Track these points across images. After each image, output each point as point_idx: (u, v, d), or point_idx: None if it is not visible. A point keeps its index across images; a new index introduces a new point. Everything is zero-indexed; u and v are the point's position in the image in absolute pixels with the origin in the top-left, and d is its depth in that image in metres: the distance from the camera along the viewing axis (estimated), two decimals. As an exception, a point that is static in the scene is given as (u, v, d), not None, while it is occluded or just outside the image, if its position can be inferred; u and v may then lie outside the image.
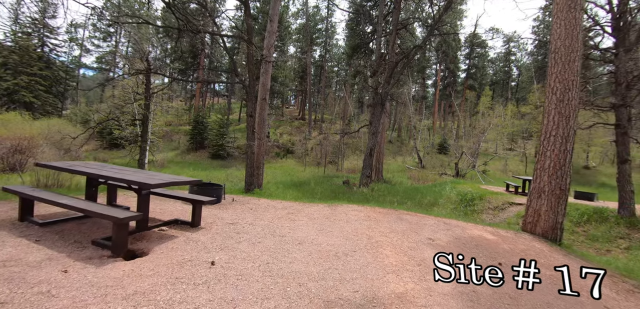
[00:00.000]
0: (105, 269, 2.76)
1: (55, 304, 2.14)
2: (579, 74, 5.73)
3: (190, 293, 2.39)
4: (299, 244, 3.65)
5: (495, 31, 53.21)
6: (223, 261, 3.05)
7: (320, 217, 5.13)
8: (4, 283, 2.37)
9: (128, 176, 3.86)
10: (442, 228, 4.90)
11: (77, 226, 3.92)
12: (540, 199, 5.64)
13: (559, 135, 5.57)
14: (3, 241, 3.16)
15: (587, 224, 8.85)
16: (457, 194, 11.16)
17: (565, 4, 5.79)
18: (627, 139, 9.40)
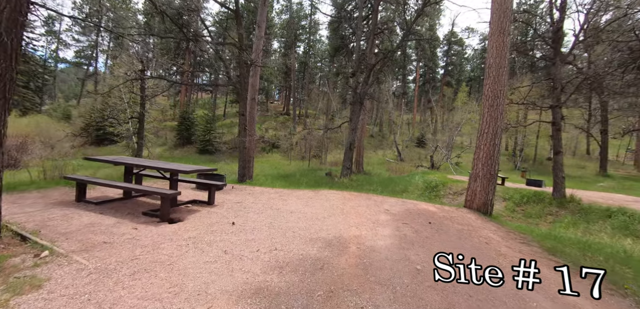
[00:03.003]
0: (160, 228, 4.08)
1: (141, 243, 3.47)
2: (506, 85, 7.39)
3: (224, 237, 3.78)
4: (290, 213, 5.08)
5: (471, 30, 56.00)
6: (239, 222, 4.44)
7: (305, 198, 6.57)
8: (101, 234, 3.67)
9: (160, 165, 5.16)
10: (399, 204, 6.45)
11: (121, 205, 5.18)
12: (476, 182, 7.29)
13: (489, 132, 7.22)
14: (80, 214, 4.41)
15: (526, 204, 10.71)
16: (424, 183, 12.89)
17: (496, 30, 7.42)
18: (560, 135, 11.29)
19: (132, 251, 3.19)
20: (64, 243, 3.28)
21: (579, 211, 9.47)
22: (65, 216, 4.21)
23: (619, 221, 8.00)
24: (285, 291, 2.44)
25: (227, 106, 45.80)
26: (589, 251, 4.56)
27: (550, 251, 4.28)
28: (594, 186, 19.67)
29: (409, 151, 36.78)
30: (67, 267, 2.73)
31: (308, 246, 3.53)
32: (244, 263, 2.99)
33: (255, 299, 2.30)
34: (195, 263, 2.95)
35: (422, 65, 51.80)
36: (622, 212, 8.36)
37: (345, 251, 3.42)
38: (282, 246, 3.51)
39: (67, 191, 5.77)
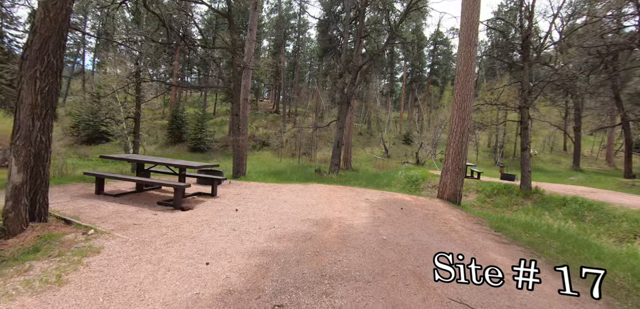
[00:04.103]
0: (176, 214, 4.88)
1: (164, 224, 4.27)
2: (473, 89, 8.40)
3: (230, 219, 4.61)
4: (284, 202, 5.94)
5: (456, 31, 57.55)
6: (242, 209, 5.27)
7: (297, 190, 7.43)
8: (129, 219, 4.45)
9: (169, 162, 5.93)
10: (378, 195, 7.39)
11: (136, 196, 5.93)
12: (446, 175, 8.29)
13: (458, 131, 8.22)
14: (104, 204, 5.16)
15: (496, 196, 11.83)
16: (406, 177, 13.93)
17: (464, 41, 8.41)
18: (527, 133, 12.44)
19: (159, 229, 3.99)
20: (102, 225, 4.05)
21: (541, 200, 10.63)
22: (92, 206, 4.96)
23: (571, 208, 9.15)
24: (283, 251, 3.31)
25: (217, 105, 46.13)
26: (529, 230, 5.58)
27: (496, 229, 5.27)
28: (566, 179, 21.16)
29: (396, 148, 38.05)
30: (113, 240, 3.52)
31: (299, 225, 4.40)
32: (250, 236, 3.84)
33: (262, 256, 3.16)
34: (212, 236, 3.78)
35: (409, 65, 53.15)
36: (575, 201, 9.52)
37: (329, 227, 4.31)
38: (279, 225, 4.38)
39: (83, 185, 6.47)
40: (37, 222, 3.81)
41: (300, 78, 51.35)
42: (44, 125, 3.66)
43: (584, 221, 8.24)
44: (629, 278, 3.52)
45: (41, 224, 3.81)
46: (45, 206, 3.96)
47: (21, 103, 3.28)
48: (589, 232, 7.41)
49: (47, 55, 3.40)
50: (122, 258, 3.04)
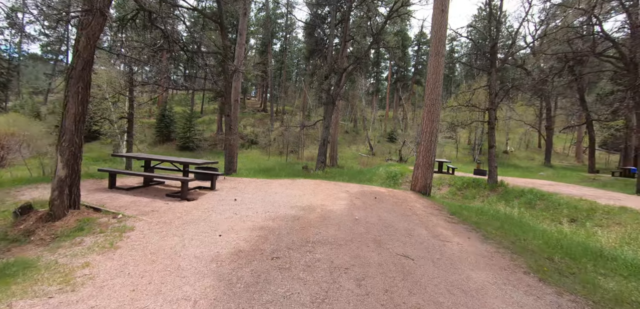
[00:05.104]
0: (184, 203, 5.77)
1: (177, 211, 5.16)
2: (440, 95, 9.56)
3: (231, 207, 5.54)
4: (275, 193, 6.90)
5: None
6: (239, 199, 6.20)
7: (285, 184, 8.40)
8: (146, 207, 5.31)
9: (173, 159, 6.79)
10: (357, 188, 8.45)
11: (145, 190, 6.76)
12: (418, 170, 9.43)
13: (428, 131, 9.36)
14: (120, 196, 5.99)
15: (466, 189, 13.11)
16: (386, 173, 15.10)
17: (434, 52, 9.55)
18: (493, 132, 13.76)
19: (174, 214, 4.90)
20: (126, 211, 4.92)
21: (504, 192, 11.94)
22: (111, 197, 5.80)
23: (526, 198, 10.47)
24: (277, 228, 4.29)
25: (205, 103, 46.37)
26: (480, 214, 6.74)
27: (451, 213, 6.40)
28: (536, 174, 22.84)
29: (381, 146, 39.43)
30: (141, 222, 4.42)
31: (289, 210, 5.39)
32: (249, 218, 4.80)
33: (261, 231, 4.13)
34: (219, 219, 4.72)
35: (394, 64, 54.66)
36: (531, 192, 10.84)
37: (313, 211, 5.31)
38: (272, 210, 5.35)
39: (95, 181, 7.24)
40: (74, 210, 4.65)
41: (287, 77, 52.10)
42: (79, 130, 4.50)
43: (535, 209, 9.54)
44: (540, 244, 4.67)
45: (77, 211, 4.66)
46: (78, 196, 4.79)
47: (67, 113, 4.12)
48: (536, 217, 8.69)
49: (86, 73, 4.25)
50: (153, 233, 3.95)
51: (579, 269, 3.81)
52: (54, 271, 2.80)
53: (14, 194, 5.76)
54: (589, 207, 8.41)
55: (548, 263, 3.92)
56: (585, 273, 3.68)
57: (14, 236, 3.91)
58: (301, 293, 2.52)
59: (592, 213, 7.99)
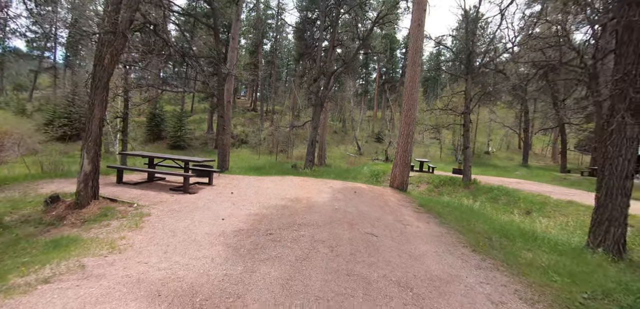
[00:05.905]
0: (187, 196, 6.60)
1: (183, 202, 6.00)
2: (417, 100, 10.61)
3: (229, 198, 6.41)
4: (267, 188, 7.80)
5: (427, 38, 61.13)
6: (235, 193, 7.07)
7: (276, 181, 9.30)
8: (155, 198, 6.13)
9: (176, 157, 7.61)
10: (340, 184, 9.42)
11: (149, 185, 7.55)
12: (396, 168, 10.46)
13: (405, 133, 10.40)
14: (129, 190, 6.77)
15: (443, 186, 14.25)
16: (370, 171, 16.16)
17: (411, 62, 10.59)
18: (468, 134, 14.96)
19: (181, 204, 5.74)
20: (139, 201, 5.74)
21: (475, 189, 13.12)
22: (122, 191, 6.58)
23: (493, 194, 11.65)
24: (269, 214, 5.20)
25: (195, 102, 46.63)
26: (446, 207, 7.79)
27: (420, 205, 7.43)
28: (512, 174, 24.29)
29: (369, 146, 40.65)
30: (154, 209, 5.25)
31: (279, 201, 6.30)
32: (246, 207, 5.69)
33: (256, 216, 5.04)
34: (220, 207, 5.59)
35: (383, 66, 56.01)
36: (498, 189, 12.03)
37: (299, 202, 6.24)
38: (265, 201, 6.25)
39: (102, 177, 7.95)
40: (95, 200, 5.45)
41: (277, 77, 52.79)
42: (101, 132, 5.30)
43: (498, 203, 10.71)
44: (486, 228, 5.71)
45: (97, 201, 5.45)
46: (97, 189, 5.58)
47: (93, 117, 4.92)
48: (497, 210, 9.85)
49: (107, 84, 5.05)
50: (168, 217, 4.81)
51: (510, 246, 4.85)
52: (99, 242, 3.64)
53: (34, 187, 6.48)
54: (542, 201, 9.61)
55: (486, 241, 4.96)
56: (512, 248, 4.73)
57: (49, 220, 4.70)
58: (289, 255, 3.45)
59: (544, 206, 9.19)
